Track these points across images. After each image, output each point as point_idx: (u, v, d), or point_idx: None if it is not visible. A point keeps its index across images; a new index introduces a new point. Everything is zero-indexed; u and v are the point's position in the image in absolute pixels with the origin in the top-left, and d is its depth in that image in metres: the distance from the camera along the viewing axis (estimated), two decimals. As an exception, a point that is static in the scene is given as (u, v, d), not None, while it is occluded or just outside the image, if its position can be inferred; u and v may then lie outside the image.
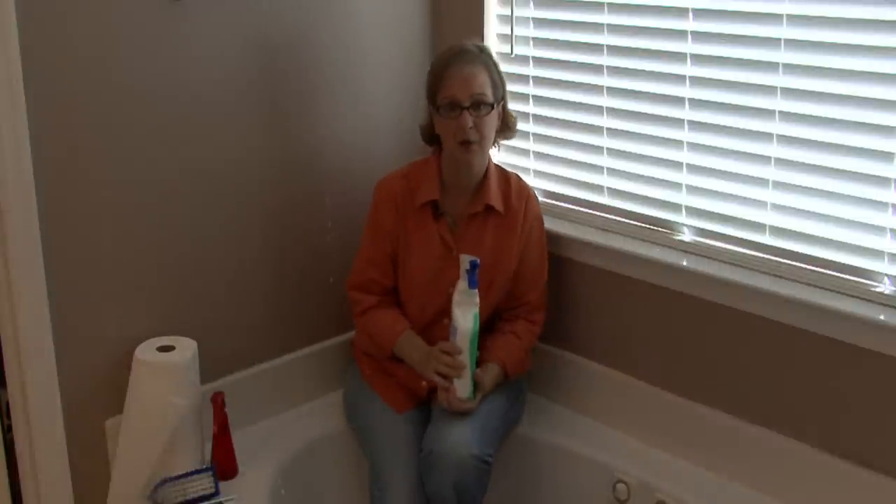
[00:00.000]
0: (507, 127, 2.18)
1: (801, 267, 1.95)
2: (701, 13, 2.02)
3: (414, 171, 2.20)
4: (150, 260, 2.09)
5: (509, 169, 2.27)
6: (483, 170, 2.16)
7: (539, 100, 2.40)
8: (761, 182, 1.99)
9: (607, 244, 2.23)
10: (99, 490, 2.06)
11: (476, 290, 2.00)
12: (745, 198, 2.03)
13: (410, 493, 2.03)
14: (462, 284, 2.00)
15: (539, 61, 2.37)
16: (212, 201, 2.17)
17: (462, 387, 2.04)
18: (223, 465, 2.09)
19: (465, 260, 1.99)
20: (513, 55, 2.41)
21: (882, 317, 1.80)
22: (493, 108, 2.07)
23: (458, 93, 2.04)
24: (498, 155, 2.47)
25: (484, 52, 2.12)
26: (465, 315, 2.00)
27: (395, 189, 2.18)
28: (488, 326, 2.20)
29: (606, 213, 2.31)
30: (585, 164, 2.33)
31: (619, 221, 2.28)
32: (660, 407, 2.20)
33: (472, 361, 2.04)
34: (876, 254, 1.85)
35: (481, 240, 2.16)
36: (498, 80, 2.11)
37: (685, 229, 2.16)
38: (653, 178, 2.19)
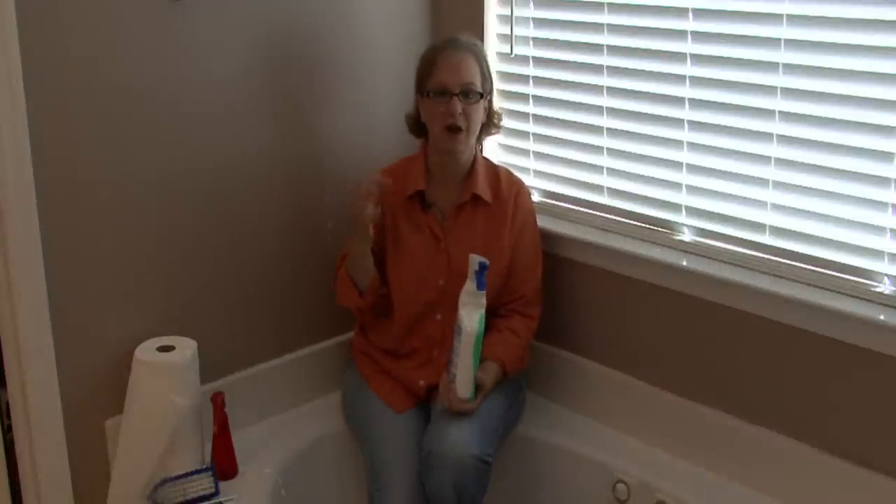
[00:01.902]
0: (492, 123, 2.20)
1: (801, 267, 1.95)
2: (701, 13, 2.02)
3: (402, 165, 2.23)
4: (150, 260, 2.09)
5: (511, 171, 2.27)
6: (470, 161, 2.18)
7: (539, 100, 2.40)
8: (761, 182, 1.99)
9: (607, 244, 2.23)
10: (99, 490, 2.05)
11: (484, 292, 1.99)
12: (745, 198, 2.02)
13: (409, 493, 2.03)
14: (470, 285, 1.99)
15: (539, 61, 2.37)
16: (211, 201, 2.17)
17: (463, 387, 2.04)
18: (223, 465, 2.09)
19: (475, 261, 1.98)
20: (513, 55, 2.41)
21: (882, 317, 1.80)
22: (481, 97, 2.09)
23: (448, 79, 2.07)
24: (498, 155, 2.48)
25: (475, 45, 2.15)
26: (471, 316, 2.00)
27: None
28: (485, 324, 2.20)
29: (606, 213, 2.31)
30: (585, 164, 2.33)
31: (619, 221, 2.28)
32: (660, 407, 2.20)
33: (476, 363, 2.03)
34: (876, 254, 1.85)
35: (471, 231, 2.16)
36: (487, 74, 2.14)
37: (685, 229, 2.16)
38: (653, 178, 2.19)
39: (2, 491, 2.05)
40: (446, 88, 2.07)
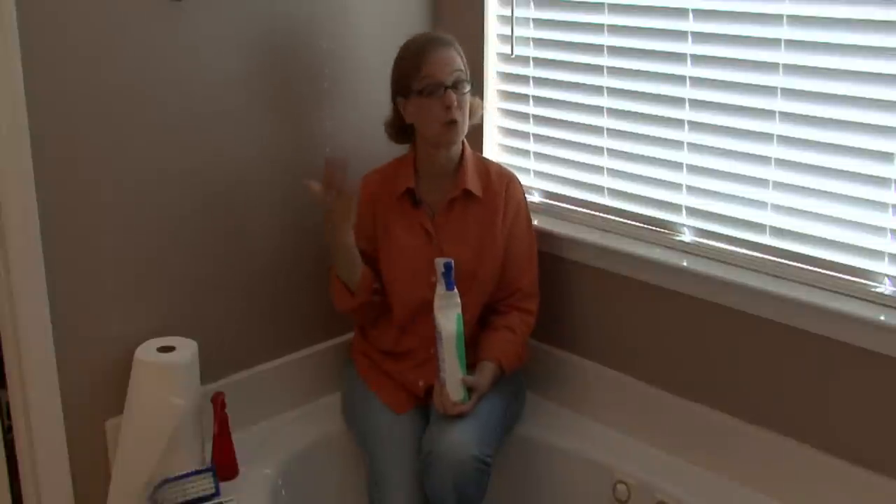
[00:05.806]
0: (472, 114, 2.19)
1: (801, 267, 1.95)
2: (701, 14, 2.02)
3: (392, 166, 2.23)
4: (150, 260, 2.09)
5: (511, 170, 2.27)
6: (458, 154, 2.18)
7: (539, 100, 2.40)
8: (761, 182, 1.99)
9: (607, 245, 2.23)
10: (99, 490, 2.05)
11: (455, 291, 2.01)
12: (745, 198, 2.03)
13: (409, 494, 2.03)
14: (440, 288, 2.01)
15: (539, 62, 2.37)
16: (211, 201, 2.17)
17: (454, 390, 2.04)
18: (223, 465, 2.08)
19: (440, 263, 2.00)
20: (513, 56, 2.41)
21: (882, 317, 1.80)
22: (471, 85, 2.10)
23: (439, 73, 2.07)
24: (499, 156, 2.48)
25: (454, 40, 2.15)
26: (448, 318, 2.00)
27: (372, 184, 2.20)
28: (481, 321, 2.21)
29: (607, 213, 2.31)
30: (586, 164, 2.33)
31: (619, 222, 2.28)
32: (660, 407, 2.20)
33: (462, 363, 2.04)
34: (876, 254, 1.86)
35: (464, 227, 2.16)
36: (467, 69, 2.14)
37: (685, 230, 2.16)
38: (653, 178, 2.19)
39: (2, 491, 2.05)
40: (439, 82, 2.07)
